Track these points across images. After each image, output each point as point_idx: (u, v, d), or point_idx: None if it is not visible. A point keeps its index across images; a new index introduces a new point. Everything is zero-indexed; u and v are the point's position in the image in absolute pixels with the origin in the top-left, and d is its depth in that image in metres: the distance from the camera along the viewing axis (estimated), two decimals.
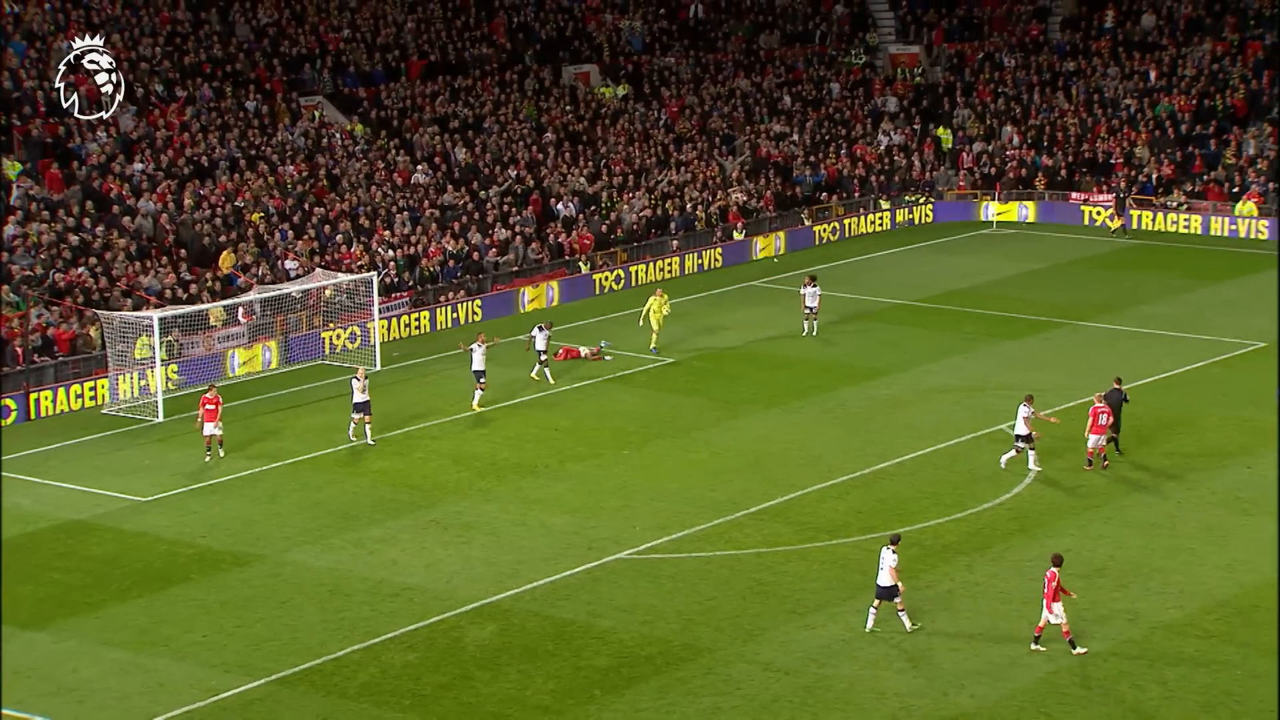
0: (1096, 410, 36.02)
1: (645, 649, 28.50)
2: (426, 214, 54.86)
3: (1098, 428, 35.97)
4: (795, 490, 35.82)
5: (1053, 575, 27.72)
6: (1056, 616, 27.61)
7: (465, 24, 66.14)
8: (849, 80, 70.98)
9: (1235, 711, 25.89)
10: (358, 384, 39.04)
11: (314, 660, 28.30)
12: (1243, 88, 65.96)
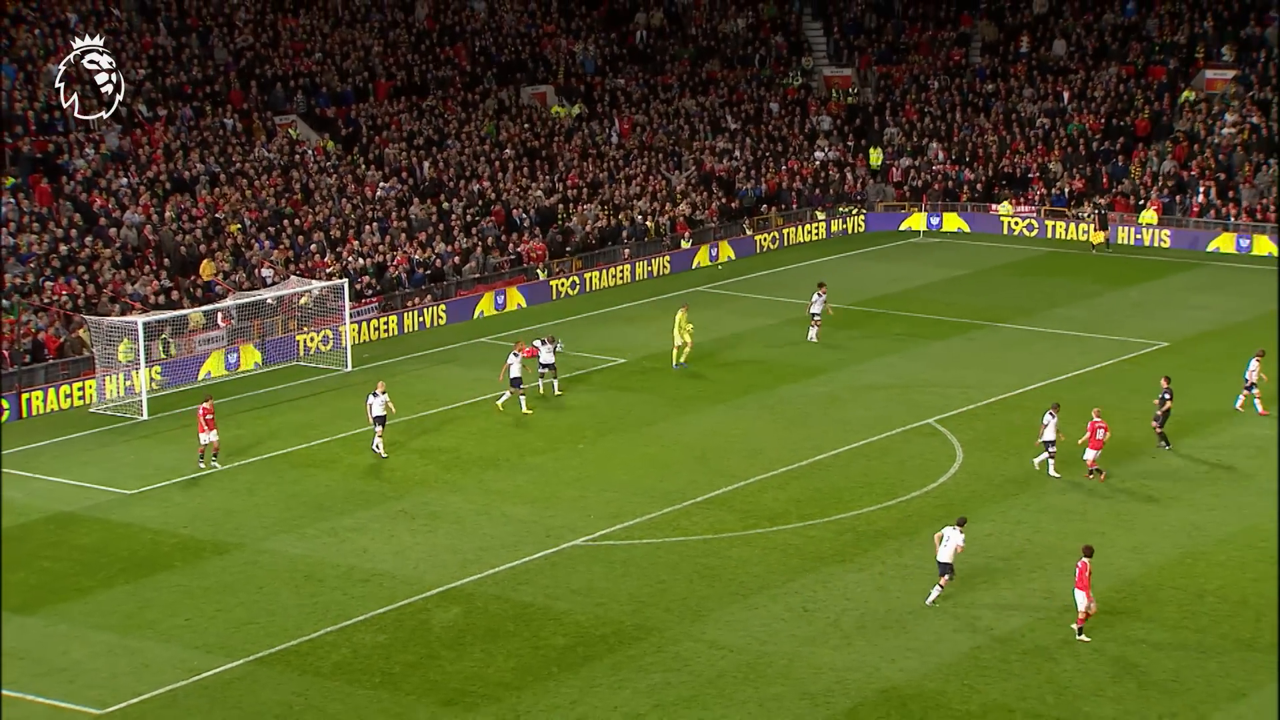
0: (1094, 425, 34.90)
1: (599, 629, 28.49)
2: (394, 225, 54.68)
3: (1095, 442, 34.80)
4: (739, 481, 35.87)
5: (1084, 565, 27.32)
6: (1081, 604, 27.25)
7: (429, 48, 65.93)
8: (786, 100, 71.11)
9: (1141, 682, 26.10)
10: (375, 399, 37.45)
11: (290, 641, 28.15)
12: (1146, 109, 66.52)
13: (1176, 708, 25.20)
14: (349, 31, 64.60)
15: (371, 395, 37.67)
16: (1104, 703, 25.39)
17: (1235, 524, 32.66)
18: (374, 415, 37.51)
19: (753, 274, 57.56)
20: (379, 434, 37.43)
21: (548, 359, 42.11)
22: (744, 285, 56.03)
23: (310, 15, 64.47)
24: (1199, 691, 25.67)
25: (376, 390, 37.73)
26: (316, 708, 25.94)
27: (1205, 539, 31.90)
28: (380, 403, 37.44)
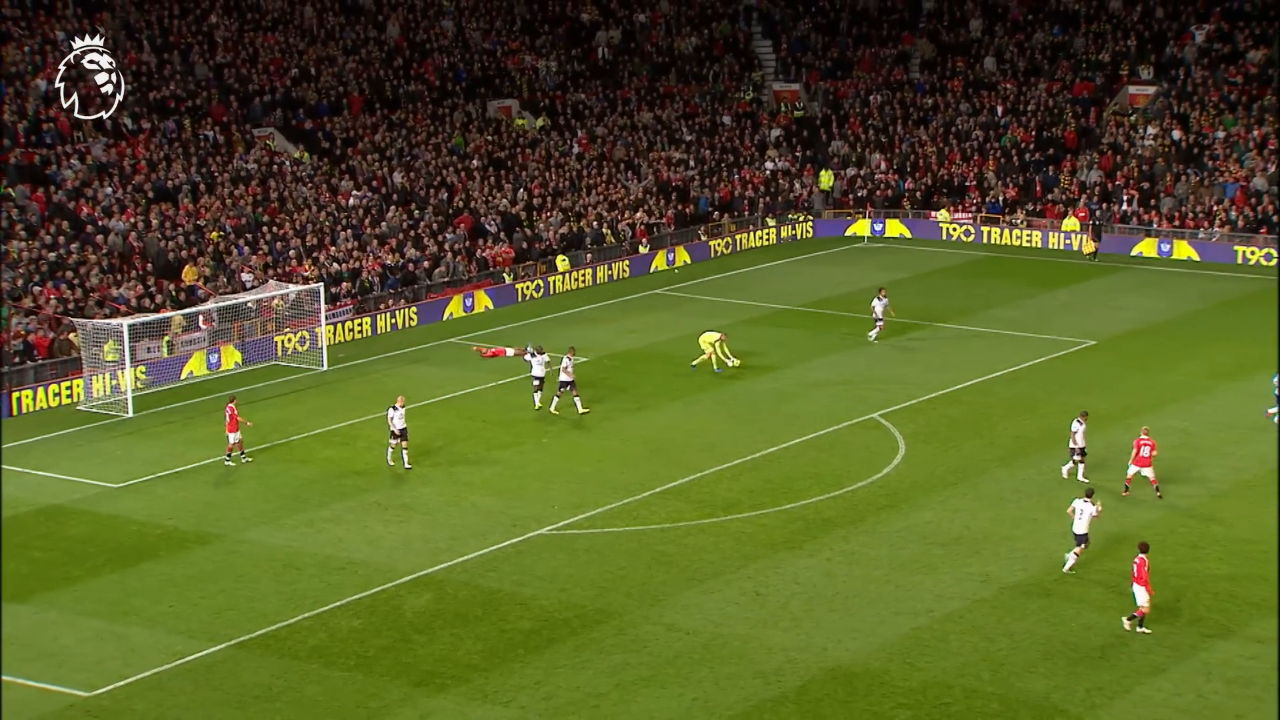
0: (1140, 442, 33.45)
1: (563, 613, 28.48)
2: (367, 231, 54.49)
3: (1140, 459, 33.32)
4: (695, 473, 35.90)
5: (1141, 561, 26.91)
6: (1141, 599, 26.83)
7: (401, 64, 65.70)
8: (738, 114, 71.21)
9: (1070, 658, 26.27)
10: (395, 412, 36.04)
11: (269, 626, 28.03)
12: (1074, 122, 66.97)
13: (1103, 681, 25.39)
14: (323, 48, 64.32)
15: (391, 409, 36.16)
16: (1036, 678, 25.55)
17: (1158, 510, 32.92)
18: (396, 429, 35.97)
19: (707, 277, 57.63)
20: (404, 447, 35.96)
21: (539, 372, 40.45)
22: (699, 288, 56.11)
23: (286, 33, 64.14)
24: (1124, 666, 25.88)
25: (396, 404, 36.25)
26: (294, 689, 25.84)
27: (1130, 523, 32.13)
28: (400, 415, 35.97)
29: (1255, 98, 64.53)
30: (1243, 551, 30.51)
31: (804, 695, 25.20)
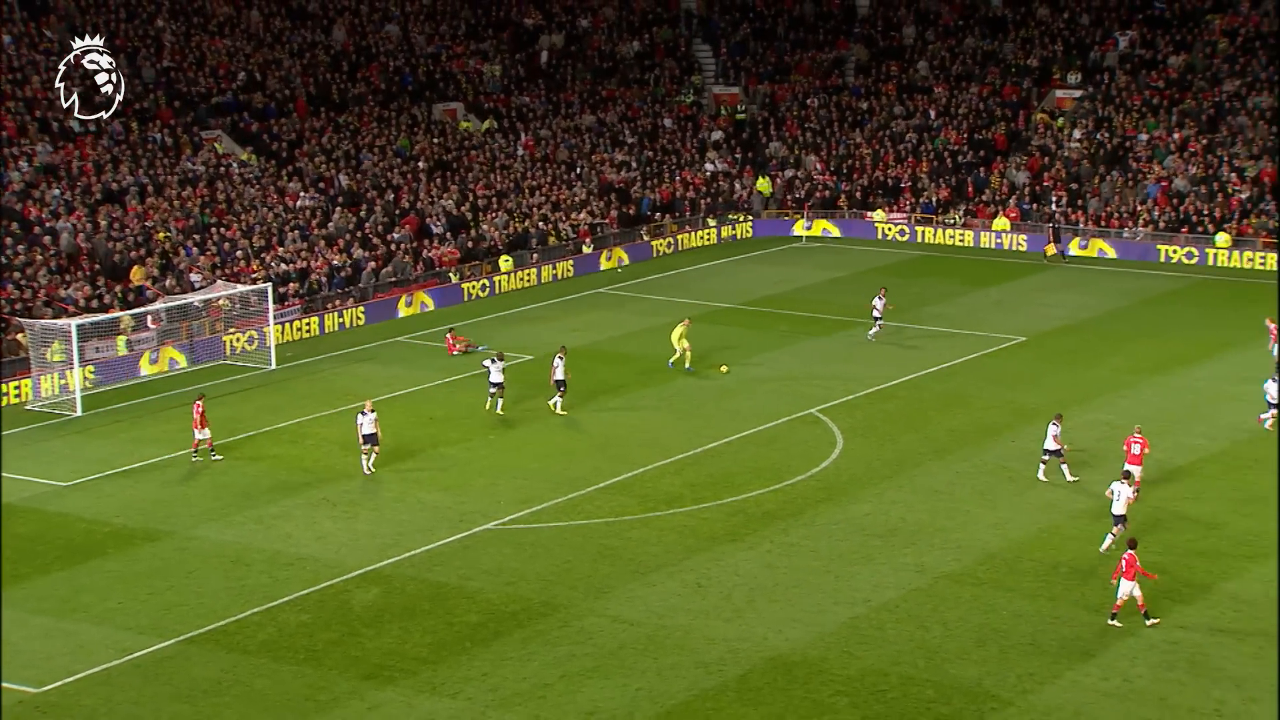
0: (1131, 440, 33.03)
1: (510, 606, 28.38)
2: (314, 232, 54.08)
3: (1132, 458, 32.77)
4: (638, 468, 35.89)
5: (1130, 557, 26.69)
6: (1131, 591, 26.66)
7: (347, 68, 65.24)
8: (679, 117, 71.29)
9: (1002, 645, 26.46)
10: (364, 417, 34.95)
11: (218, 622, 27.75)
12: (1004, 125, 67.55)
13: (1034, 667, 25.61)
14: (270, 52, 63.75)
15: (360, 414, 35.20)
16: (969, 665, 25.73)
17: (1086, 501, 33.23)
18: (364, 434, 34.99)
19: (649, 277, 57.66)
20: (369, 452, 35.09)
21: (497, 378, 39.57)
22: (641, 287, 56.13)
23: (233, 37, 63.53)
24: (1054, 652, 26.11)
25: (365, 409, 35.25)
26: (244, 683, 25.60)
27: (1059, 514, 32.44)
28: (370, 421, 34.90)
29: (1175, 102, 65.36)
30: (1165, 540, 30.85)
31: (745, 684, 25.25)
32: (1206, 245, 58.08)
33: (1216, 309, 50.98)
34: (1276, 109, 62.92)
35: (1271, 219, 58.25)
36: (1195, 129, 63.56)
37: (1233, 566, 29.40)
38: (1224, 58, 66.20)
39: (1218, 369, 43.25)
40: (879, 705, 24.48)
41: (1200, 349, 45.35)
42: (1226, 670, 25.31)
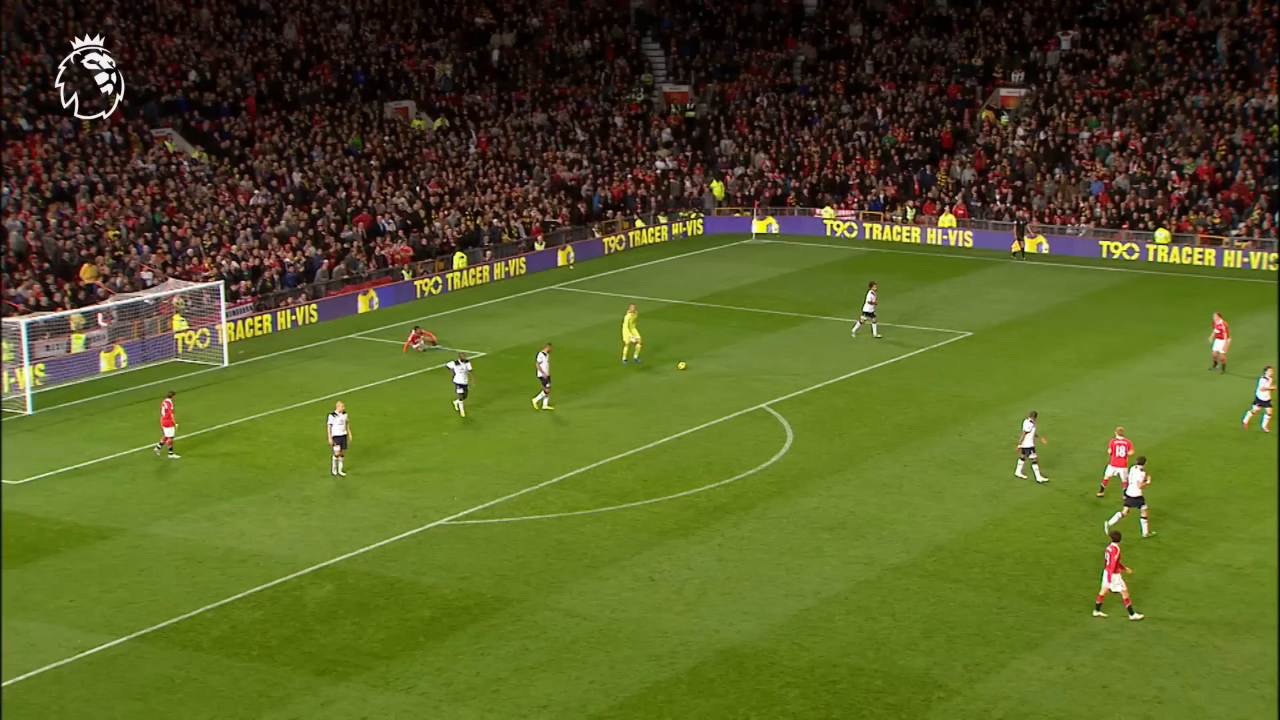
0: (1115, 443, 32.44)
1: (463, 601, 28.30)
2: (267, 230, 53.70)
3: (1116, 460, 32.26)
4: (590, 463, 35.87)
5: (1113, 550, 26.63)
6: (1116, 585, 26.62)
7: (298, 66, 64.78)
8: (629, 115, 71.29)
9: (949, 636, 26.63)
10: (335, 419, 34.38)
11: (171, 619, 27.51)
12: (949, 123, 67.99)
13: (980, 657, 25.79)
14: (221, 50, 63.19)
15: (331, 415, 34.58)
16: (917, 655, 25.88)
17: (1030, 493, 33.49)
18: (333, 435, 34.43)
19: (601, 273, 57.65)
20: (338, 454, 34.55)
21: (461, 380, 39.05)
22: (593, 284, 56.11)
23: (184, 35, 62.94)
24: (999, 642, 26.30)
25: (336, 410, 34.63)
26: (197, 680, 25.39)
27: (1005, 507, 32.67)
28: (340, 422, 34.32)
29: (1116, 101, 66.01)
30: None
31: (697, 676, 25.29)
32: (1147, 241, 58.69)
33: (1157, 304, 51.56)
34: (1213, 107, 63.68)
35: (1209, 215, 58.95)
36: (1135, 127, 64.22)
37: (1173, 557, 29.72)
38: (1162, 57, 66.90)
39: (1158, 363, 43.73)
40: (829, 696, 24.58)
41: (1141, 343, 45.84)
42: (1166, 658, 25.59)
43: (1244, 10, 67.36)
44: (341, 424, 34.55)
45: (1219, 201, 59.53)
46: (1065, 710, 24.00)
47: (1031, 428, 33.71)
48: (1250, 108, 63.05)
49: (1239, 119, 62.77)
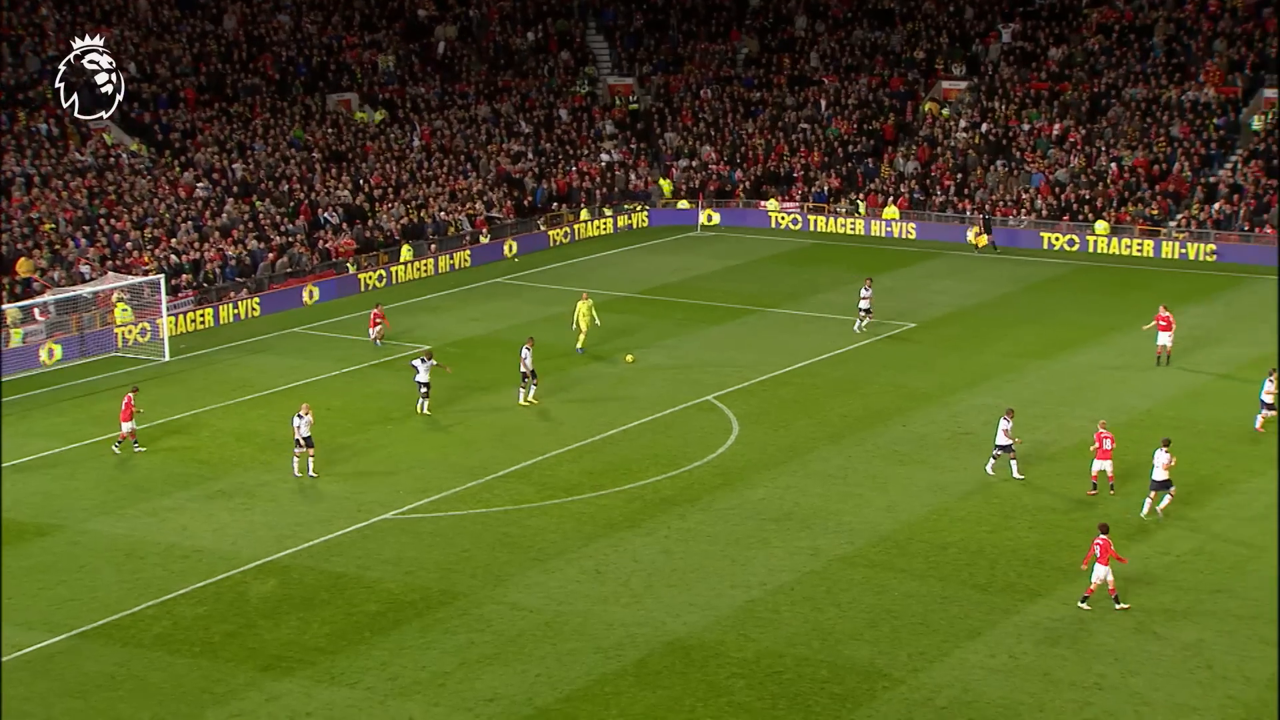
0: (1100, 436, 32.36)
1: (409, 595, 28.17)
2: (208, 224, 53.17)
3: (1103, 453, 32.26)
4: (537, 456, 35.80)
5: (1104, 542, 26.59)
6: (1099, 576, 26.59)
7: (239, 58, 64.15)
8: (574, 107, 71.16)
9: (893, 625, 26.80)
10: (300, 419, 33.89)
11: (111, 616, 27.21)
12: (892, 116, 68.36)
13: (924, 646, 25.97)
14: (159, 42, 62.44)
15: (297, 416, 34.05)
16: (862, 645, 26.03)
17: (973, 483, 33.76)
18: (300, 436, 33.92)
19: (546, 266, 57.54)
20: (310, 454, 33.97)
21: (424, 377, 38.45)
22: (539, 277, 56.00)
23: (121, 26, 62.14)
24: (943, 631, 26.50)
25: (301, 411, 34.07)
26: (138, 676, 25.12)
27: (948, 496, 32.91)
28: (306, 424, 33.83)
29: (1056, 93, 66.62)
30: (1049, 520, 31.49)
31: (643, 668, 25.31)
32: (1087, 233, 59.31)
33: (1097, 295, 52.10)
34: (1151, 100, 64.41)
35: (1147, 207, 59.64)
36: (1075, 120, 64.85)
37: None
38: (1101, 50, 67.59)
39: (1099, 353, 44.21)
40: (775, 686, 24.68)
41: (1082, 333, 46.31)
42: (1107, 645, 25.89)
43: (1180, 4, 68.16)
44: (308, 425, 33.92)
45: (1157, 193, 60.25)
46: (1008, 698, 24.22)
47: (1007, 424, 33.32)
48: (1187, 100, 63.83)
49: (1176, 111, 63.53)
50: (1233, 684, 24.53)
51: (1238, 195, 58.91)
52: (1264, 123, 61.83)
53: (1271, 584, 28.10)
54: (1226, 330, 46.42)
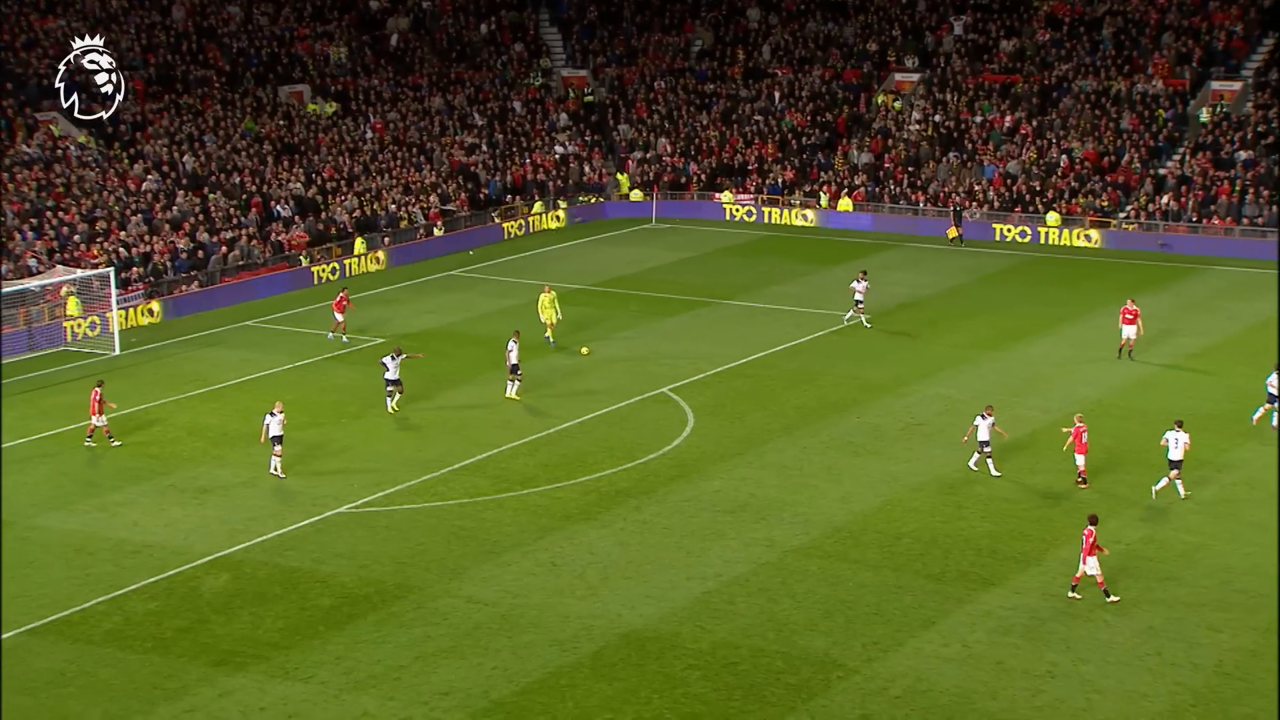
0: (1079, 430, 32.39)
1: (363, 589, 28.05)
2: (158, 216, 52.66)
3: (1082, 446, 32.34)
4: (492, 449, 35.71)
5: (1090, 533, 26.63)
6: (1091, 569, 26.64)
7: (189, 49, 63.55)
8: (528, 99, 70.98)
9: (848, 616, 26.92)
10: (273, 419, 33.30)
11: (61, 612, 26.95)
12: (846, 108, 68.58)
13: (878, 636, 26.11)
14: (107, 32, 61.72)
15: (269, 415, 33.47)
16: (817, 635, 26.14)
17: (927, 474, 33.96)
18: (271, 434, 33.32)
19: (501, 259, 57.39)
20: (276, 453, 33.41)
21: (393, 375, 37.74)
22: (493, 269, 55.84)
23: (68, 16, 61.44)
24: (897, 621, 26.65)
25: (274, 410, 33.49)
26: (88, 673, 24.89)
27: (901, 487, 33.09)
28: (278, 422, 33.25)
29: (1007, 86, 67.06)
30: (1002, 510, 31.73)
31: (599, 660, 25.32)
32: (1039, 224, 59.76)
33: (1049, 286, 52.51)
34: (1100, 93, 64.96)
35: (1097, 198, 60.17)
36: (1026, 112, 65.30)
37: (1064, 533, 30.32)
38: (1051, 42, 68.08)
39: (1051, 344, 44.55)
40: (730, 677, 24.75)
41: (1034, 324, 46.66)
42: (1058, 633, 26.12)
43: None
44: (279, 424, 33.39)
45: (1107, 184, 60.78)
46: (961, 686, 24.40)
47: (986, 420, 33.08)
48: (1136, 93, 64.41)
49: (1125, 104, 64.10)
50: (1181, 670, 24.82)
51: (1185, 187, 59.52)
52: (1212, 115, 62.48)
53: (1219, 571, 28.44)
54: (1176, 321, 46.91)
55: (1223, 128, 61.60)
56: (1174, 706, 23.75)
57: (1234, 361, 41.86)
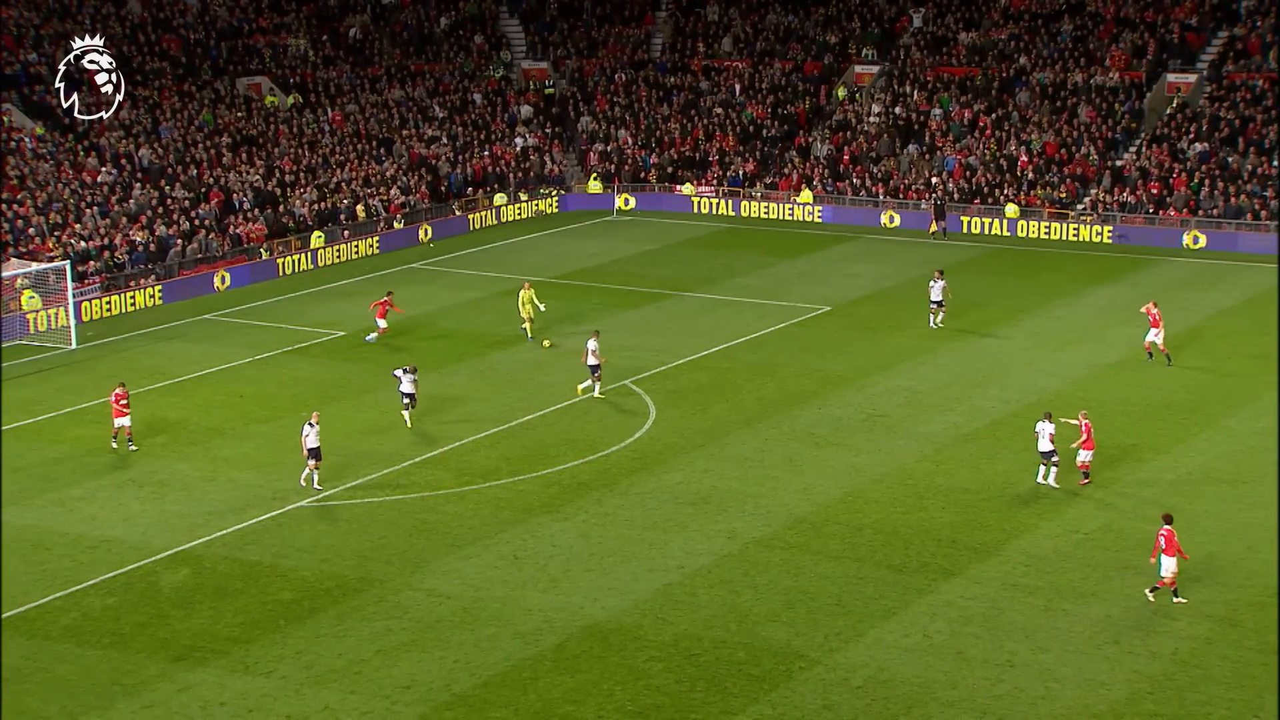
0: (1087, 426, 32.35)
1: (325, 583, 27.92)
2: (115, 209, 52.16)
3: (1089, 443, 32.24)
4: (454, 441, 35.61)
5: (1170, 533, 26.30)
6: (1167, 570, 26.34)
7: (145, 40, 62.95)
8: (488, 91, 70.74)
9: (810, 607, 27.00)
10: (310, 429, 32.12)
11: (18, 608, 26.69)
12: (806, 100, 68.72)
13: (840, 627, 26.21)
14: (61, 24, 61.10)
15: (307, 425, 32.22)
16: (779, 626, 26.21)
17: (888, 465, 34.10)
18: (308, 446, 32.19)
19: (462, 251, 57.20)
20: (313, 466, 32.20)
21: (408, 389, 36.46)
22: (454, 262, 55.66)
23: (19, 7, 60.75)
24: (859, 611, 26.76)
25: (312, 420, 32.28)
26: (45, 669, 24.67)
27: (863, 479, 33.21)
28: (315, 434, 32.07)
29: (967, 78, 67.37)
30: (962, 500, 31.90)
31: (561, 653, 25.30)
32: (998, 216, 60.07)
33: (1008, 277, 52.81)
34: (1058, 85, 65.35)
35: (1055, 190, 60.55)
36: (985, 104, 65.61)
37: (1024, 523, 30.52)
38: (1010, 35, 68.42)
39: (1010, 335, 44.80)
40: (692, 669, 24.78)
41: (994, 316, 46.91)
42: (1018, 623, 26.29)
43: None
44: (316, 435, 32.15)
45: (1064, 176, 61.17)
46: (921, 676, 24.53)
47: (1051, 428, 32.19)
48: (1093, 85, 64.84)
49: (1083, 96, 64.51)
50: (1139, 659, 25.04)
51: (1142, 179, 59.96)
52: (1170, 107, 62.95)
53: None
54: (1133, 311, 47.27)
55: (1178, 120, 62.09)
56: (1131, 694, 23.95)
57: (1189, 353, 42.24)
